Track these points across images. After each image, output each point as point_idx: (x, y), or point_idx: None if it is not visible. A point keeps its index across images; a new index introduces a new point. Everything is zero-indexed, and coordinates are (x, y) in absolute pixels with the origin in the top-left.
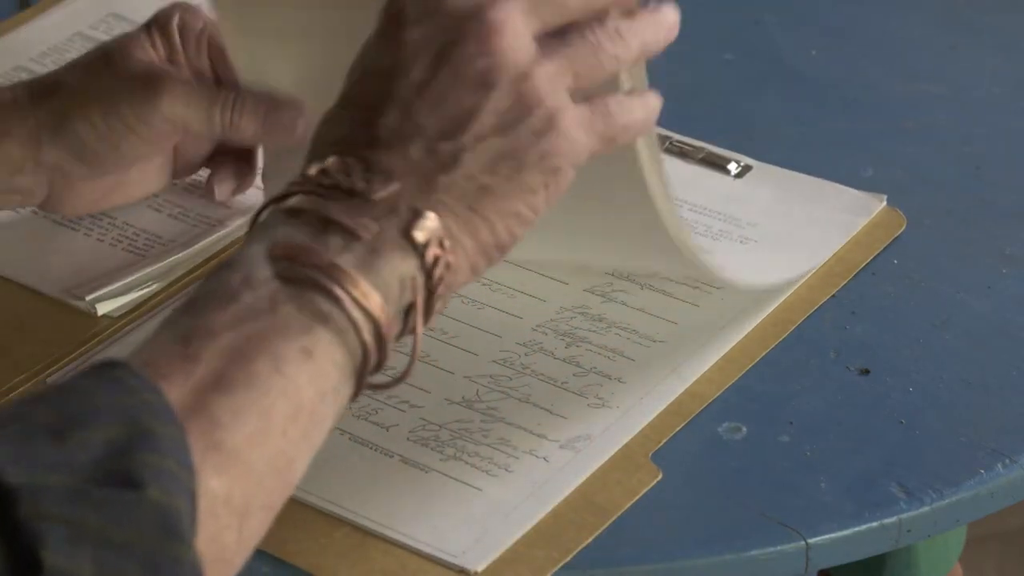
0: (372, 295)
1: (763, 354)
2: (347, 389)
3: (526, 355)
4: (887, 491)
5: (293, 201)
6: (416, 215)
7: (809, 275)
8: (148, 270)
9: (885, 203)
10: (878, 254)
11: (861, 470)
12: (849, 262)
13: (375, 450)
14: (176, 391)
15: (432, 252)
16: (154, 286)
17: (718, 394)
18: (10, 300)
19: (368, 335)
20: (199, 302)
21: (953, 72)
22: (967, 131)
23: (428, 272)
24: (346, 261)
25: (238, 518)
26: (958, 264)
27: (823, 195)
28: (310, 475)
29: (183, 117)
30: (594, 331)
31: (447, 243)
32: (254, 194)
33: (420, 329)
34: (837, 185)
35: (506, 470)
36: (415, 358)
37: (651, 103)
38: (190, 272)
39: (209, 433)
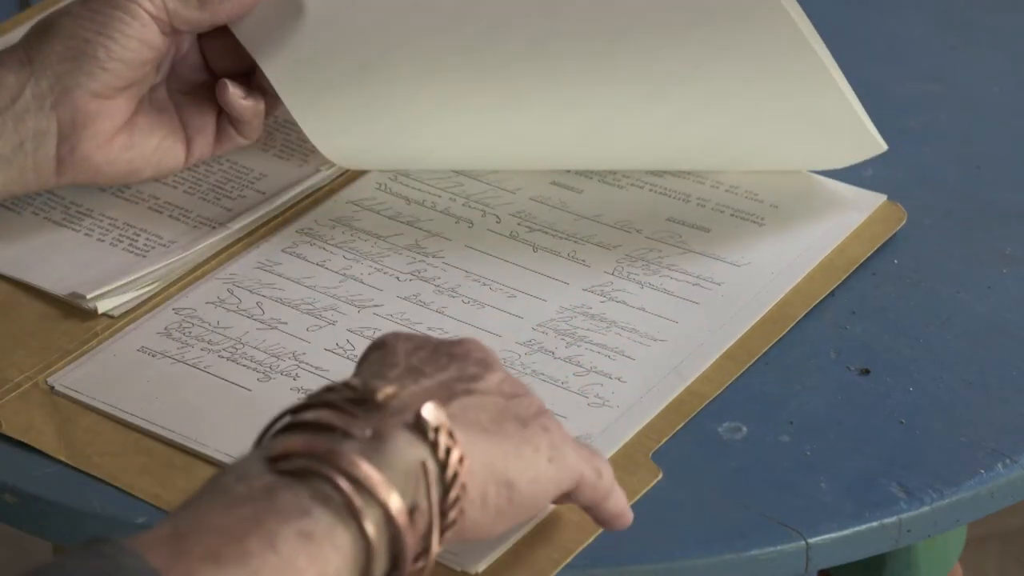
0: (374, 476)
1: (764, 351)
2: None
3: (526, 355)
4: (887, 491)
5: (289, 419)
6: (423, 408)
7: (810, 268)
8: (149, 270)
9: (885, 199)
10: (878, 252)
11: (861, 470)
12: (850, 256)
13: None
14: (161, 560)
15: (443, 440)
16: (155, 286)
17: (718, 393)
18: (11, 299)
19: (374, 526)
20: (192, 501)
21: (953, 72)
22: (967, 131)
23: (441, 463)
24: (346, 448)
25: None
26: (958, 264)
27: (823, 191)
28: None
29: None
30: (594, 330)
31: (457, 435)
32: (253, 196)
33: (436, 538)
34: (836, 182)
35: None
36: (427, 556)
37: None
38: (190, 272)
39: None
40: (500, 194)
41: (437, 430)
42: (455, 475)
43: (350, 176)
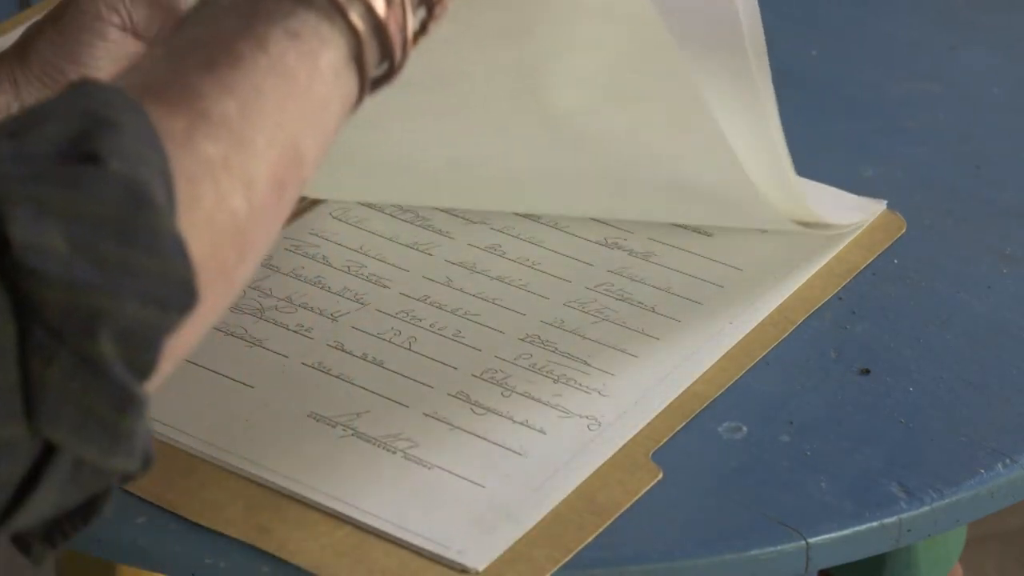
0: None
1: (764, 354)
2: (349, 76)
3: (528, 351)
4: (887, 491)
5: None
6: None
7: (810, 274)
8: None
9: (885, 207)
10: (878, 255)
11: (861, 470)
12: (849, 263)
13: (377, 445)
14: (148, 75)
15: None
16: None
17: (718, 394)
18: None
19: (358, 17)
20: (182, 24)
21: (953, 72)
22: (967, 131)
23: None
24: None
25: (243, 185)
26: (958, 264)
27: (823, 199)
28: (310, 471)
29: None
30: (596, 328)
31: None
32: None
33: (409, 15)
34: (837, 190)
35: (507, 469)
36: (409, 41)
37: None
38: None
39: (192, 104)
40: None
41: None
42: None
43: None
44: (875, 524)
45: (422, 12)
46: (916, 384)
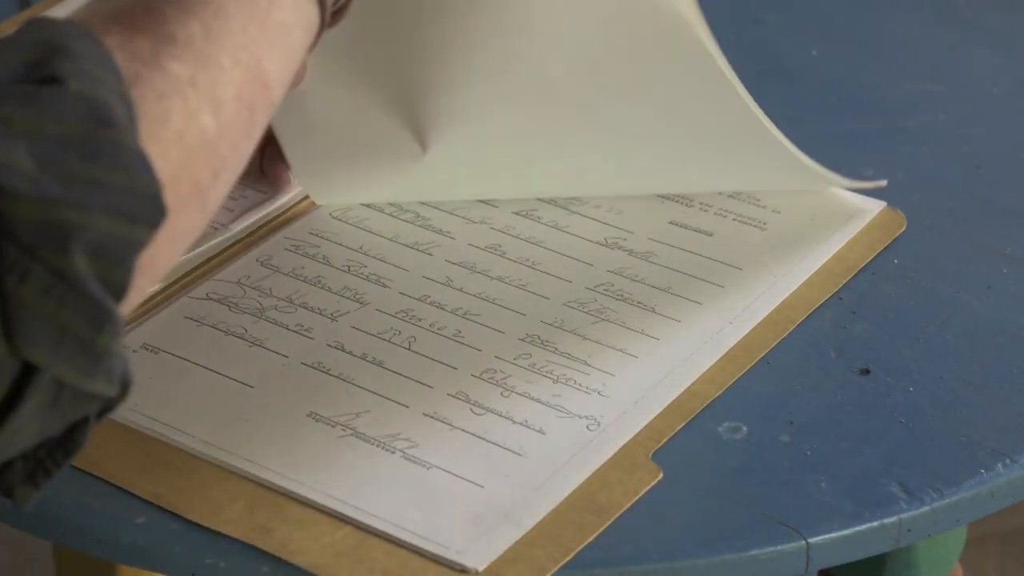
0: None
1: (763, 354)
2: (309, 5)
3: (528, 350)
4: (887, 491)
5: None
6: None
7: (810, 273)
8: None
9: (885, 206)
10: (878, 252)
11: (861, 470)
12: (849, 262)
13: (376, 445)
14: (103, 8)
15: None
16: (157, 286)
17: (718, 393)
18: None
19: None
20: None
21: (953, 72)
22: (967, 131)
23: None
24: None
25: (210, 103)
26: (958, 264)
27: (824, 197)
28: (309, 470)
29: None
30: (596, 328)
31: None
32: (255, 196)
33: None
34: (838, 188)
35: (507, 469)
36: None
37: None
38: (191, 272)
39: (158, 27)
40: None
41: None
42: None
43: None
44: (875, 524)
45: None
46: (916, 384)
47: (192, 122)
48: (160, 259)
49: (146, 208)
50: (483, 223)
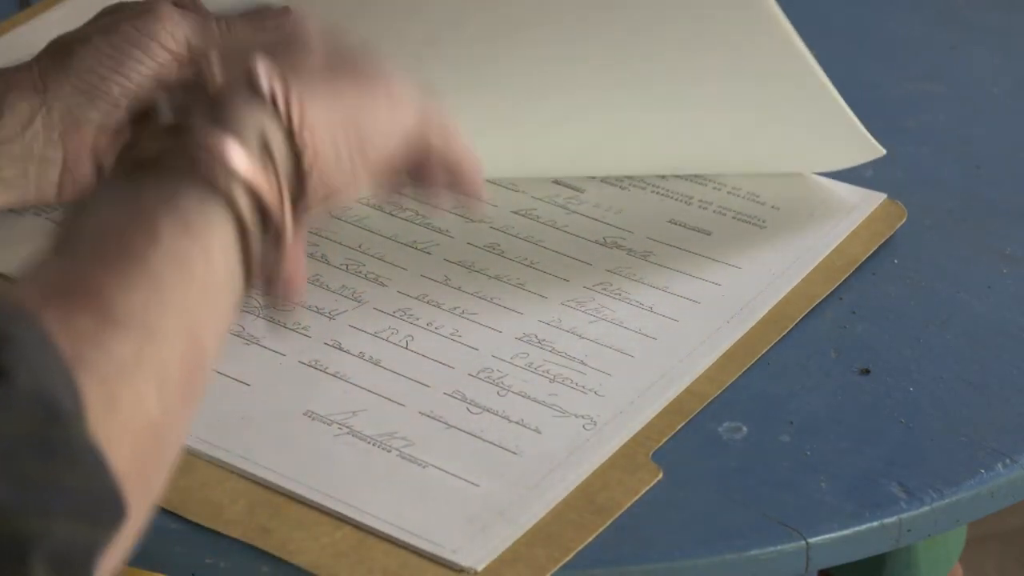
0: (223, 139)
1: (764, 352)
2: (238, 258)
3: (525, 350)
4: (887, 491)
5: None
6: (255, 68)
7: (810, 269)
8: None
9: (885, 198)
10: (879, 252)
11: (861, 470)
12: (850, 256)
13: (372, 444)
14: (39, 284)
15: (280, 94)
16: None
17: (718, 393)
18: None
19: (238, 190)
20: (66, 224)
21: (953, 72)
22: (967, 131)
23: (283, 115)
24: (187, 121)
25: (156, 383)
26: (958, 264)
27: (824, 192)
28: (305, 469)
29: (183, 30)
30: (594, 328)
31: (294, 89)
32: None
33: (284, 183)
34: (837, 183)
35: (502, 468)
36: (285, 215)
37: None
38: None
39: (97, 303)
40: (503, 192)
41: (271, 82)
42: (299, 120)
43: None
44: (875, 524)
45: (306, 157)
46: (916, 384)
47: (139, 407)
48: (112, 555)
49: (107, 507)
50: (481, 222)
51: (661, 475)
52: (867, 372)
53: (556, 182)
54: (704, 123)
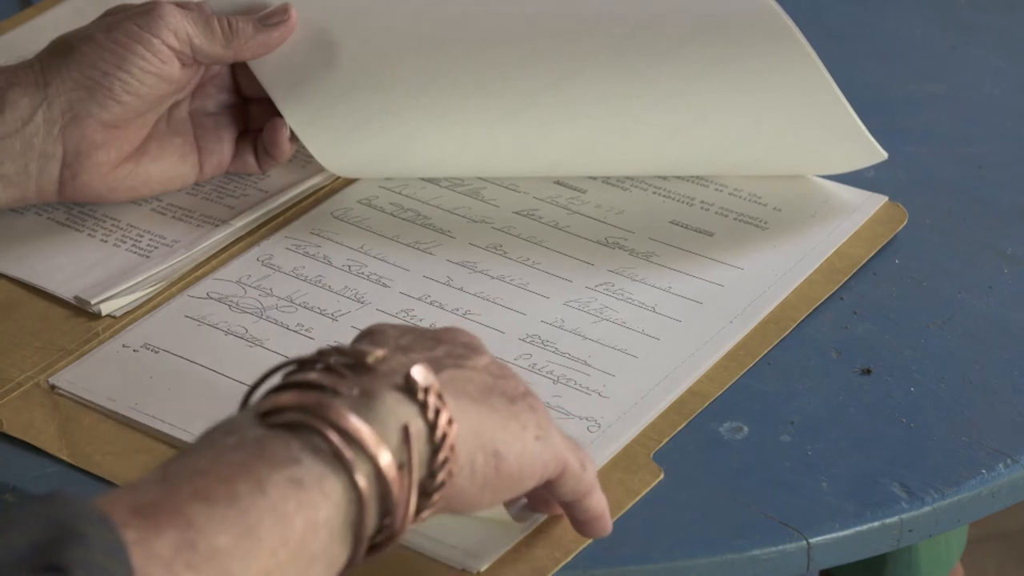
0: (364, 430)
1: (765, 352)
2: (344, 539)
3: (529, 351)
4: (888, 491)
5: (279, 379)
6: (412, 369)
7: (811, 271)
8: (153, 271)
9: (887, 200)
10: (880, 252)
11: (862, 470)
12: (851, 258)
13: None
14: (140, 494)
15: (432, 401)
16: (159, 286)
17: (719, 393)
18: (12, 299)
19: (364, 478)
20: (182, 453)
21: (953, 72)
22: (967, 131)
23: (430, 424)
24: (336, 402)
25: None
26: (959, 264)
27: (825, 194)
28: None
29: (185, 28)
30: (596, 328)
31: (446, 399)
32: (256, 195)
33: (414, 498)
34: (838, 184)
35: None
36: (407, 518)
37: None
38: (193, 270)
39: (181, 532)
40: (505, 193)
41: (427, 391)
42: (444, 436)
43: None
44: (876, 524)
45: (442, 475)
46: (917, 384)
47: None
48: None
49: None
50: (484, 222)
51: (662, 475)
52: (868, 372)
53: (558, 183)
54: (708, 126)
